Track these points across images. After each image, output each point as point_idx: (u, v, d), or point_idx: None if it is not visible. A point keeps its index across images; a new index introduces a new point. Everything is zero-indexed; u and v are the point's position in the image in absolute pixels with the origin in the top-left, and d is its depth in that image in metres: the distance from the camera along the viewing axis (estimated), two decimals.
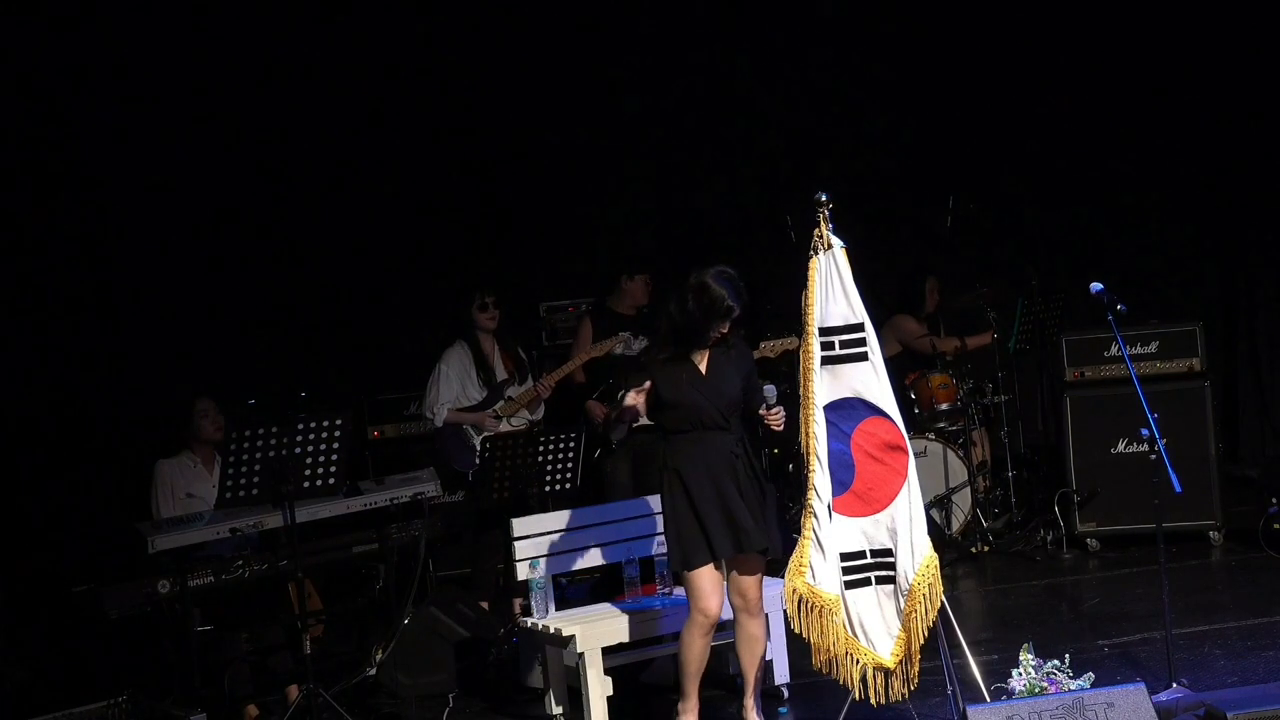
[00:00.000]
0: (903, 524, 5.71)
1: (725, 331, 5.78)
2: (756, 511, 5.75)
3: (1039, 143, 10.52)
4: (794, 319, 6.00)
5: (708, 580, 5.77)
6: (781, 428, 5.77)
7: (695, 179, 10.49)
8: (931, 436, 9.11)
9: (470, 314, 8.12)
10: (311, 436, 6.22)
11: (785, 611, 5.82)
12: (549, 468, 7.41)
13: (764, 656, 6.05)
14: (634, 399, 5.79)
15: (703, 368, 5.81)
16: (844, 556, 5.75)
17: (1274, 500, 8.29)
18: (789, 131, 10.53)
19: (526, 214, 10.13)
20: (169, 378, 8.50)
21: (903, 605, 5.70)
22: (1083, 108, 10.46)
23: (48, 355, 8.73)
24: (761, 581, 5.89)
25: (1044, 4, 10.36)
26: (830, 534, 5.74)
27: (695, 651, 5.85)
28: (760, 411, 5.76)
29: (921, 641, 5.70)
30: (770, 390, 5.74)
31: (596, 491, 8.07)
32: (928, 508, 8.28)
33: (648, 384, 5.78)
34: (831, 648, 5.72)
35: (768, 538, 5.78)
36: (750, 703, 5.97)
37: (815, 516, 5.74)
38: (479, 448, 7.77)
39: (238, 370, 8.87)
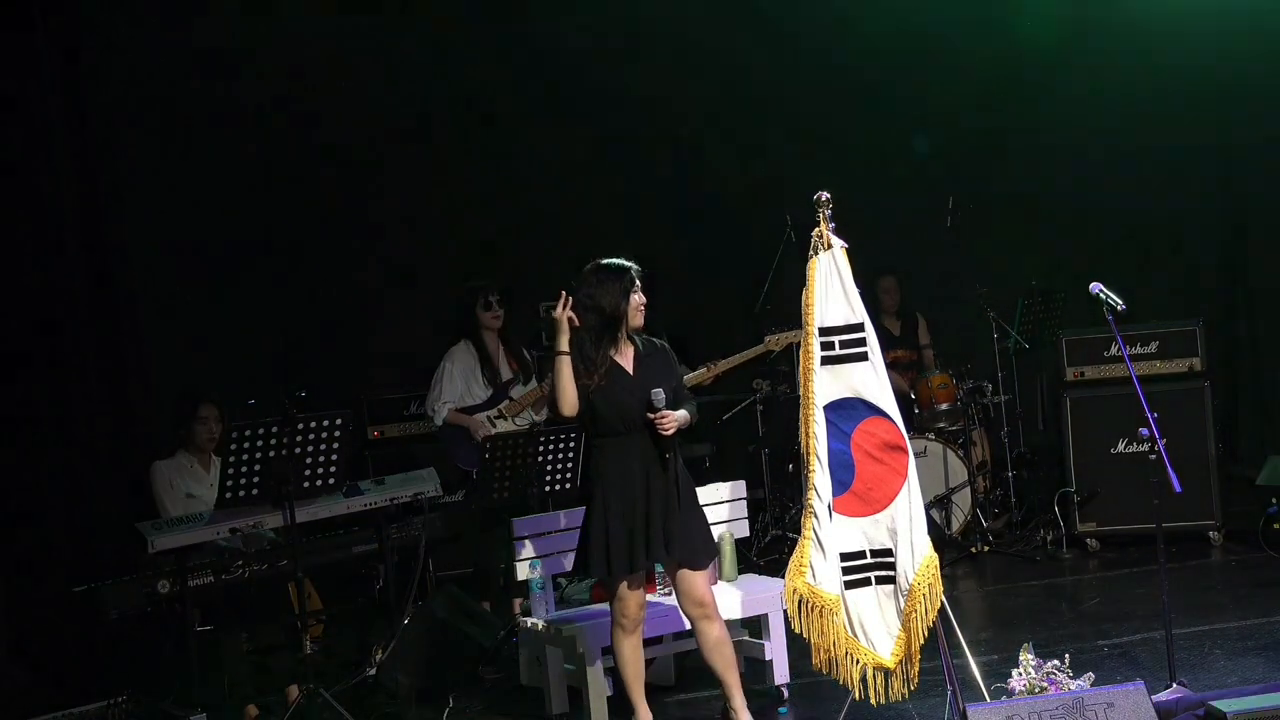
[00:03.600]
0: (903, 524, 5.70)
1: (644, 304, 5.78)
2: (677, 521, 5.75)
3: (1039, 142, 10.52)
4: (795, 319, 6.00)
5: (626, 582, 5.80)
6: (670, 433, 5.71)
7: (695, 178, 10.49)
8: (931, 436, 9.12)
9: (475, 313, 8.13)
10: (311, 436, 6.22)
11: (785, 611, 5.82)
12: (549, 468, 7.41)
13: (736, 656, 5.99)
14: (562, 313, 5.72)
15: (630, 368, 5.81)
16: (844, 556, 5.75)
17: (1274, 500, 8.30)
18: (789, 130, 10.54)
19: (526, 214, 10.13)
20: (169, 378, 8.51)
21: (903, 605, 5.70)
22: (1083, 107, 10.46)
23: (47, 354, 8.71)
24: (709, 585, 5.89)
25: (1046, 3, 10.37)
26: (830, 534, 5.73)
27: (625, 655, 5.86)
28: (649, 415, 5.70)
29: (921, 641, 5.69)
30: (658, 394, 5.70)
31: None
32: (928, 508, 8.29)
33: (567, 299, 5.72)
34: (831, 648, 5.72)
35: (689, 550, 5.78)
36: (738, 704, 5.94)
37: (815, 516, 5.74)
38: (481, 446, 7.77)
39: (238, 370, 8.86)
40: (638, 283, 5.82)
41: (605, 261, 5.83)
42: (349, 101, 9.69)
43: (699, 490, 6.12)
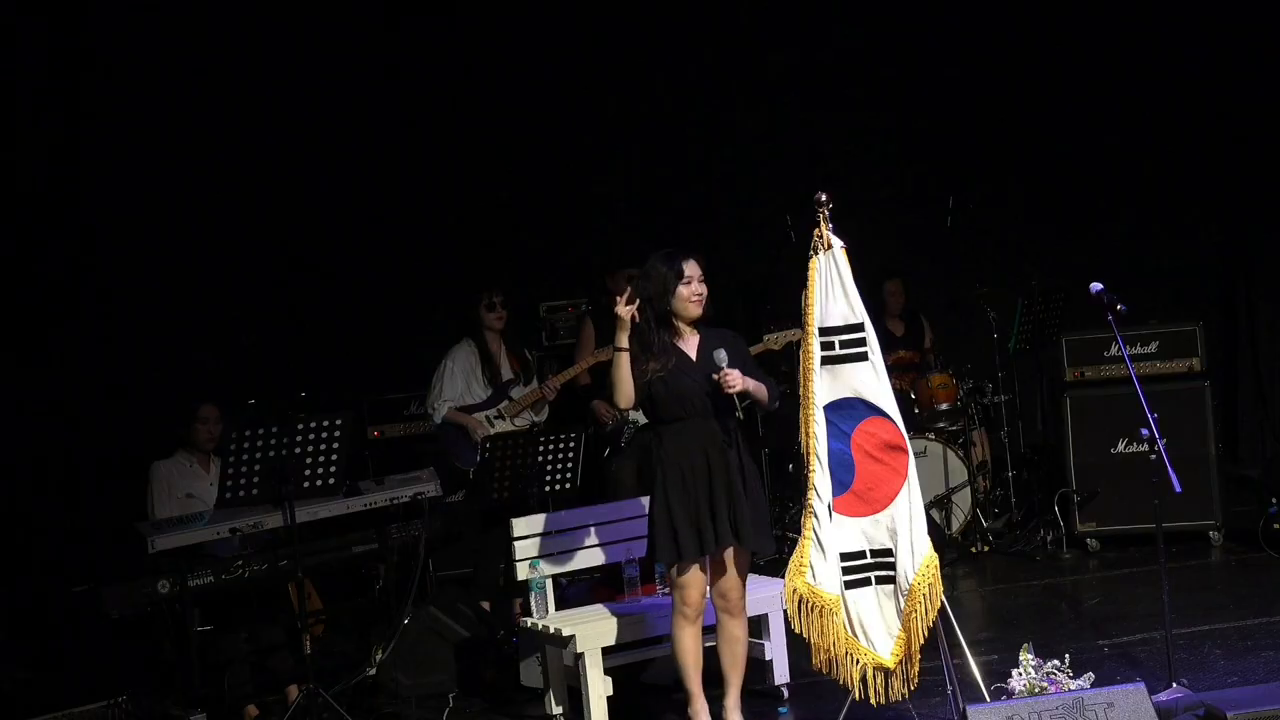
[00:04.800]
0: (903, 524, 5.71)
1: (701, 295, 5.76)
2: (744, 506, 5.75)
3: (1039, 142, 10.51)
4: (794, 318, 5.99)
5: (689, 571, 5.78)
6: (736, 388, 5.65)
7: (695, 178, 10.49)
8: (931, 436, 9.11)
9: (478, 313, 8.15)
10: (311, 436, 6.22)
11: (785, 611, 5.82)
12: (549, 468, 7.41)
13: (746, 657, 6.02)
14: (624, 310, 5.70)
15: (693, 354, 5.80)
16: (844, 556, 5.75)
17: (1274, 500, 8.29)
18: (788, 130, 10.54)
19: (525, 214, 10.13)
20: (170, 377, 8.51)
21: (903, 605, 5.70)
22: (1084, 107, 10.45)
23: (47, 354, 8.73)
24: (743, 581, 5.90)
25: (1045, 3, 10.37)
26: (830, 534, 5.74)
27: (685, 644, 5.85)
28: (714, 377, 5.68)
29: (921, 641, 5.70)
30: (719, 354, 5.69)
31: (601, 490, 8.07)
32: (928, 508, 8.28)
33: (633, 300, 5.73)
34: (831, 648, 5.72)
35: (755, 536, 5.79)
36: (731, 703, 5.95)
37: (815, 516, 5.74)
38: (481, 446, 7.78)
39: (238, 370, 8.86)
40: (688, 274, 5.76)
41: (661, 253, 5.81)
42: (349, 100, 9.68)
43: None
